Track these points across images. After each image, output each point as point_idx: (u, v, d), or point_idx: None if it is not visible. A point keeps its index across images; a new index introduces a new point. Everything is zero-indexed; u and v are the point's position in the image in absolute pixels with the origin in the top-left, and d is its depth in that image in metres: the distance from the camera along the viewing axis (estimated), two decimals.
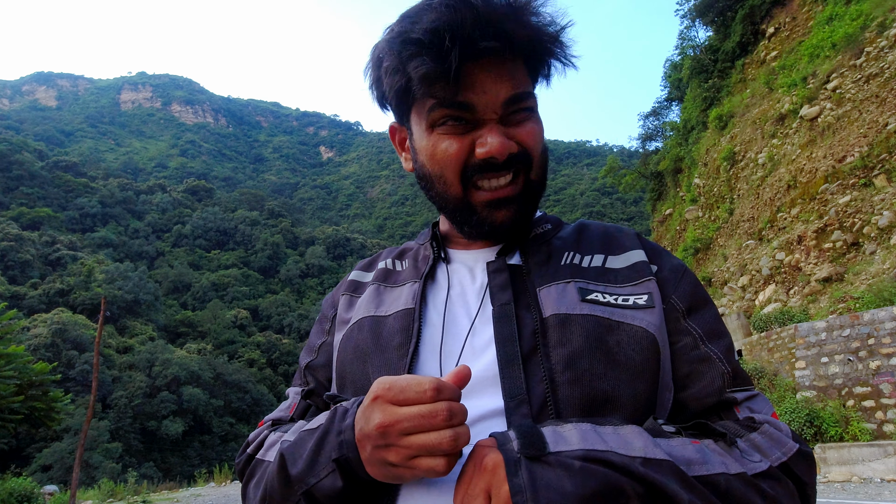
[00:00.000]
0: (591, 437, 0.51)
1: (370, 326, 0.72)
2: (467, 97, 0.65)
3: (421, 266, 0.78)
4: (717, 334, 0.68)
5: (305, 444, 0.59)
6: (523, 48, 0.66)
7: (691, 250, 22.67)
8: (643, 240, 0.77)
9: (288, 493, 0.59)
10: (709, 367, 0.65)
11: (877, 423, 8.16)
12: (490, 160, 0.66)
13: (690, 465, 0.52)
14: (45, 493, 15.90)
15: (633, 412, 0.60)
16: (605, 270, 0.71)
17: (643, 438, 0.52)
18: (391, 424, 0.51)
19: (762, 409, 0.64)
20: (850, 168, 13.06)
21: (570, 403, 0.59)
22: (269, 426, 0.76)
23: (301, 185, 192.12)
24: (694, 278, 0.73)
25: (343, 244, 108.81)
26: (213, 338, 70.46)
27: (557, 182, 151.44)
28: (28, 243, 67.93)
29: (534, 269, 0.71)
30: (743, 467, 0.54)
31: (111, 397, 46.32)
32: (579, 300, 0.66)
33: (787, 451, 0.58)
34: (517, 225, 0.71)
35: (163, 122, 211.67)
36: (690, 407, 0.65)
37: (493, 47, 0.62)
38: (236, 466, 0.73)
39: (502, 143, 0.65)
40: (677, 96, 31.38)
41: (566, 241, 0.76)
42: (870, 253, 11.62)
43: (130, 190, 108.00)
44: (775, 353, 10.14)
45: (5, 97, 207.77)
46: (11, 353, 11.21)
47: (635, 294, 0.68)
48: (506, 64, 0.66)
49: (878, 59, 13.97)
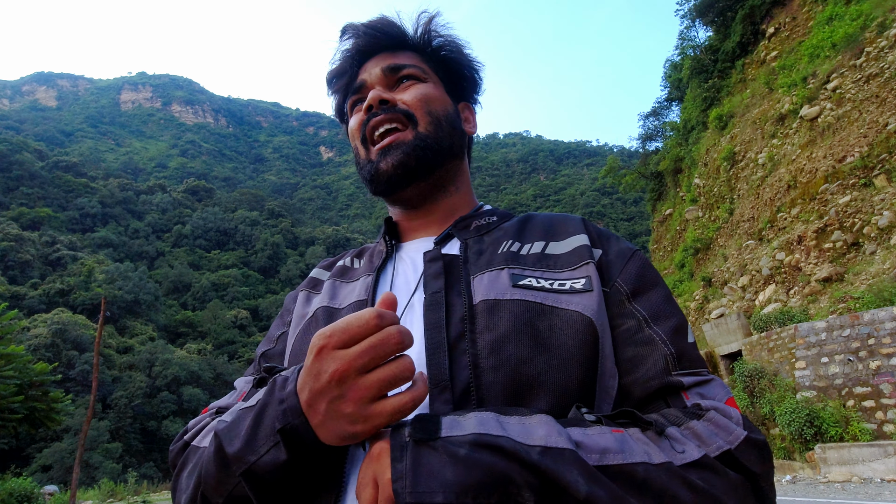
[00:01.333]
0: (490, 423, 0.49)
1: (324, 316, 0.74)
2: (360, 79, 0.82)
3: (375, 261, 0.80)
4: (662, 315, 0.65)
5: (243, 421, 0.55)
6: (399, 42, 0.84)
7: (691, 250, 22.66)
8: (590, 225, 0.77)
9: (225, 476, 0.54)
10: (651, 349, 0.63)
11: (877, 424, 8.15)
12: (369, 109, 0.78)
13: (605, 453, 0.49)
14: (45, 493, 15.90)
15: (561, 398, 0.58)
16: (545, 256, 0.71)
17: (547, 427, 0.49)
18: (346, 367, 0.47)
19: (714, 395, 0.60)
20: (850, 168, 13.05)
21: (492, 389, 0.58)
22: (212, 413, 0.71)
23: (301, 185, 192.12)
24: (643, 261, 0.72)
25: (343, 244, 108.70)
26: (213, 338, 70.47)
27: (557, 182, 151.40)
28: (28, 243, 67.94)
29: (471, 258, 0.72)
30: (668, 457, 0.51)
31: (111, 397, 46.32)
32: (510, 285, 0.65)
33: (733, 439, 0.54)
34: (407, 170, 0.77)
35: (163, 123, 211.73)
36: (635, 393, 0.62)
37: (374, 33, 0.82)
38: (170, 455, 0.67)
39: (376, 93, 0.78)
40: (677, 96, 31.38)
41: (508, 231, 0.77)
42: (870, 253, 11.61)
43: (130, 190, 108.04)
44: (775, 354, 10.14)
45: (5, 97, 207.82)
46: (11, 353, 11.21)
47: (573, 278, 0.67)
48: (391, 53, 0.83)
49: (878, 59, 13.97)
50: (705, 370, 0.63)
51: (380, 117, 0.77)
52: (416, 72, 0.81)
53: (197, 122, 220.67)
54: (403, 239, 0.84)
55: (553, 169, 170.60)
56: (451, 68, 0.87)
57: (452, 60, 0.86)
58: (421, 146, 0.76)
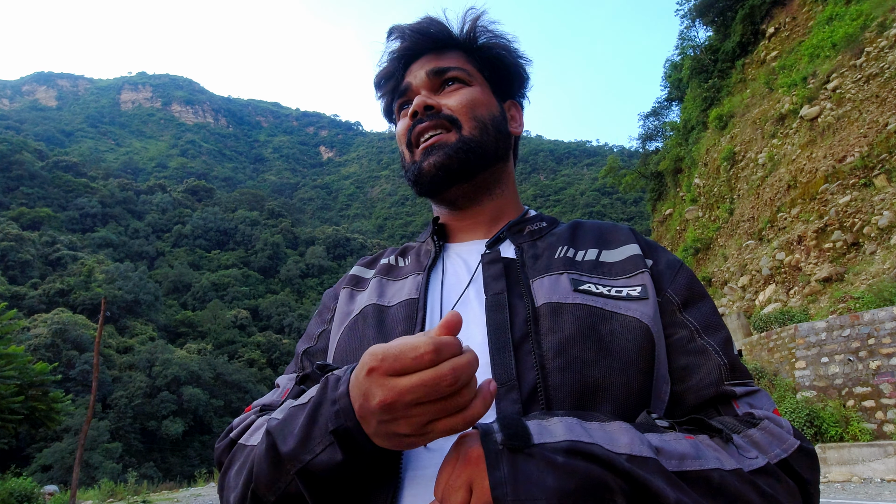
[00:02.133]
0: (577, 430, 0.50)
1: (373, 314, 0.74)
2: (406, 81, 0.83)
3: (423, 260, 0.81)
4: (713, 327, 0.68)
5: (296, 419, 0.54)
6: (447, 43, 0.84)
7: (691, 250, 22.67)
8: (639, 235, 0.79)
9: (278, 474, 0.54)
10: (705, 359, 0.65)
11: (877, 423, 8.15)
12: (414, 115, 0.79)
13: (684, 459, 0.51)
14: (45, 493, 15.90)
15: (624, 402, 0.60)
16: (599, 263, 0.73)
17: (630, 434, 0.51)
18: (394, 400, 0.46)
19: (763, 406, 0.63)
20: (851, 168, 13.06)
21: (560, 390, 0.59)
22: (256, 411, 0.72)
23: (301, 185, 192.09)
24: (690, 273, 0.74)
25: (343, 244, 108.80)
26: (213, 338, 70.43)
27: (557, 182, 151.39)
28: (28, 243, 67.92)
29: (527, 262, 0.73)
30: (739, 464, 0.53)
31: (111, 397, 46.32)
32: (572, 290, 0.67)
33: (788, 447, 0.57)
34: (449, 172, 0.77)
35: (163, 122, 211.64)
36: (688, 400, 0.65)
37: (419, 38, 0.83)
38: (216, 453, 0.68)
39: (421, 99, 0.79)
40: (677, 96, 31.37)
41: (561, 237, 0.78)
42: (870, 253, 11.62)
43: (130, 190, 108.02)
44: (775, 353, 10.14)
45: (5, 97, 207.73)
46: (11, 353, 11.22)
47: (629, 286, 0.69)
48: (437, 55, 0.83)
49: (879, 59, 13.97)
50: (752, 381, 0.66)
51: (425, 124, 0.78)
52: (461, 74, 0.82)
53: (197, 122, 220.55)
54: (451, 239, 0.85)
55: (553, 169, 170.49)
56: (497, 67, 0.86)
57: (499, 58, 0.86)
58: (464, 149, 0.77)
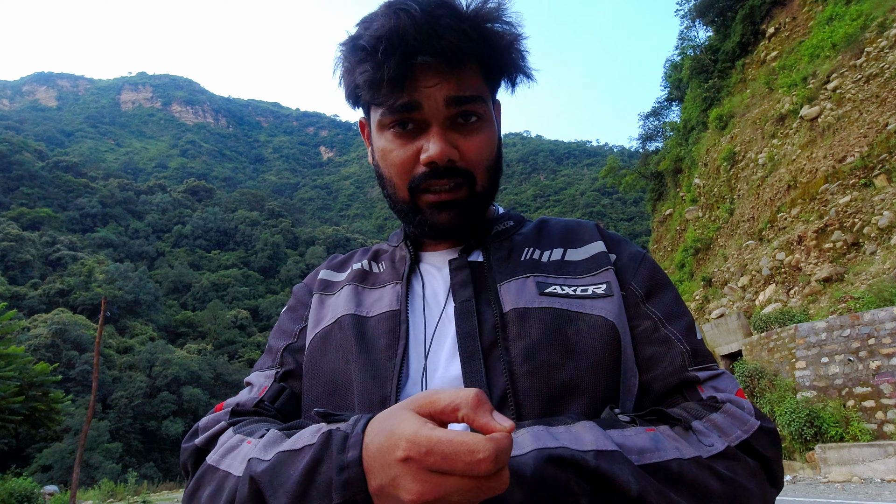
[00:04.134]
0: (544, 437, 0.51)
1: (352, 325, 0.71)
2: (412, 97, 0.66)
3: (399, 267, 0.79)
4: (675, 315, 0.70)
5: (288, 470, 0.50)
6: (466, 56, 0.66)
7: (691, 250, 22.67)
8: (603, 231, 0.80)
9: None
10: (668, 347, 0.67)
11: (877, 424, 8.16)
12: (431, 165, 0.68)
13: (643, 453, 0.52)
14: (45, 493, 15.91)
15: (594, 400, 0.62)
16: (565, 263, 0.74)
17: (593, 432, 0.52)
18: (437, 499, 0.42)
19: (727, 388, 0.64)
20: (850, 168, 13.06)
21: (529, 395, 0.60)
22: (227, 414, 0.68)
23: (301, 185, 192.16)
24: (653, 264, 0.75)
25: (343, 244, 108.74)
26: (213, 338, 70.49)
27: (557, 182, 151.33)
28: (28, 243, 67.96)
29: (494, 266, 0.73)
30: (697, 451, 0.55)
31: (111, 397, 46.33)
32: (537, 294, 0.68)
33: (748, 428, 0.59)
34: (459, 228, 0.73)
35: (163, 123, 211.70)
36: (655, 388, 0.66)
37: (429, 60, 0.64)
38: (182, 454, 0.64)
39: (442, 151, 0.67)
40: (677, 96, 31.40)
41: (527, 237, 0.78)
42: (870, 253, 11.62)
43: (130, 190, 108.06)
44: (775, 354, 10.14)
45: (5, 97, 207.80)
46: (12, 353, 11.23)
47: (594, 284, 0.70)
48: (454, 68, 0.66)
49: (878, 59, 13.98)
50: (716, 364, 0.67)
51: (443, 181, 0.69)
52: (480, 109, 0.70)
53: (197, 123, 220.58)
54: (424, 246, 0.81)
55: (553, 169, 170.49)
56: (509, 75, 0.76)
57: (516, 69, 0.75)
58: (475, 204, 0.73)
